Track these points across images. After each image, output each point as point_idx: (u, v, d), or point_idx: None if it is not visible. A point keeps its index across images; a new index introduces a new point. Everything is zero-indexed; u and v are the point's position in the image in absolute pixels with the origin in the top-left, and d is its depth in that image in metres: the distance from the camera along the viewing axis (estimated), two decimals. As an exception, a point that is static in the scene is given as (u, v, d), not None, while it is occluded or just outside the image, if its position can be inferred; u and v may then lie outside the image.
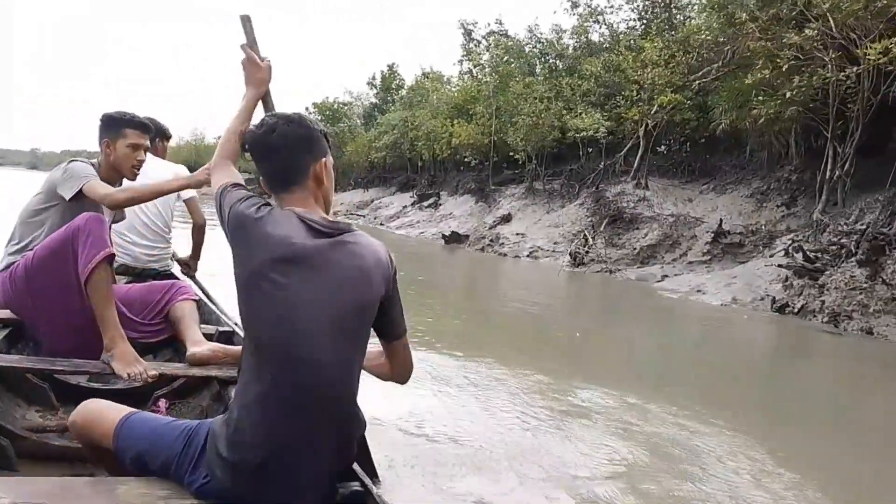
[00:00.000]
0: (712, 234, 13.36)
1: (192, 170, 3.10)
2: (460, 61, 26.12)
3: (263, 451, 1.52)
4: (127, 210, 3.12)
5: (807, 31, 10.45)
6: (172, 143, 4.95)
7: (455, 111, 27.18)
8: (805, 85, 10.49)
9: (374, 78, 41.00)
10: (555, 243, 16.31)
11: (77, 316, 2.41)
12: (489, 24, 25.22)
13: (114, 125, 2.70)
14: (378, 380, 1.88)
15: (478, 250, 17.76)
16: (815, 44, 10.39)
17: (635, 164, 17.18)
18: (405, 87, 42.24)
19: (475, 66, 25.08)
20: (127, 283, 3.26)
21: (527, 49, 23.42)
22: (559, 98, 19.68)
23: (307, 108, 45.89)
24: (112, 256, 2.38)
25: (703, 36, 15.05)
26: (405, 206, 30.46)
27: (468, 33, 25.04)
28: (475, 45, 25.12)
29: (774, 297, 9.59)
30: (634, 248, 14.27)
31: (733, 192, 15.03)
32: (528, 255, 16.18)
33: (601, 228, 15.05)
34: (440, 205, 27.98)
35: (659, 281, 12.76)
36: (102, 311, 2.33)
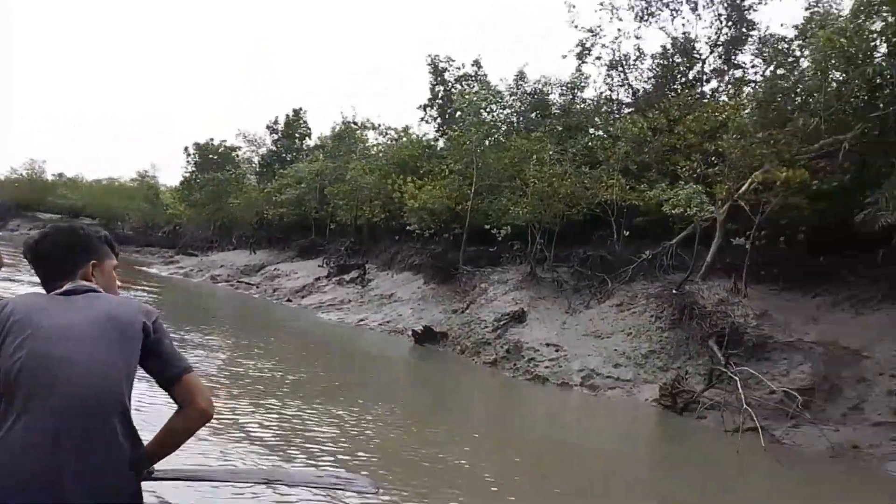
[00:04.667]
0: (904, 382, 8.69)
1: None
2: (424, 107, 20.55)
3: (20, 481, 1.47)
4: None
5: None
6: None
7: (397, 167, 21.68)
8: None
9: (275, 122, 34.56)
10: (615, 366, 10.96)
11: None
12: (462, 67, 20.04)
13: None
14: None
15: (486, 364, 11.95)
16: None
17: (708, 258, 12.48)
18: (310, 136, 36.23)
19: (447, 114, 19.73)
20: None
21: (509, 100, 18.59)
22: (572, 162, 14.88)
23: (186, 148, 38.38)
24: None
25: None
26: (318, 279, 24.08)
27: (439, 73, 19.73)
28: (446, 90, 19.79)
29: None
30: (771, 392, 9.25)
31: (879, 312, 10.58)
32: (581, 384, 10.65)
33: (701, 353, 9.92)
34: (369, 281, 22.05)
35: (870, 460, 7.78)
36: None
